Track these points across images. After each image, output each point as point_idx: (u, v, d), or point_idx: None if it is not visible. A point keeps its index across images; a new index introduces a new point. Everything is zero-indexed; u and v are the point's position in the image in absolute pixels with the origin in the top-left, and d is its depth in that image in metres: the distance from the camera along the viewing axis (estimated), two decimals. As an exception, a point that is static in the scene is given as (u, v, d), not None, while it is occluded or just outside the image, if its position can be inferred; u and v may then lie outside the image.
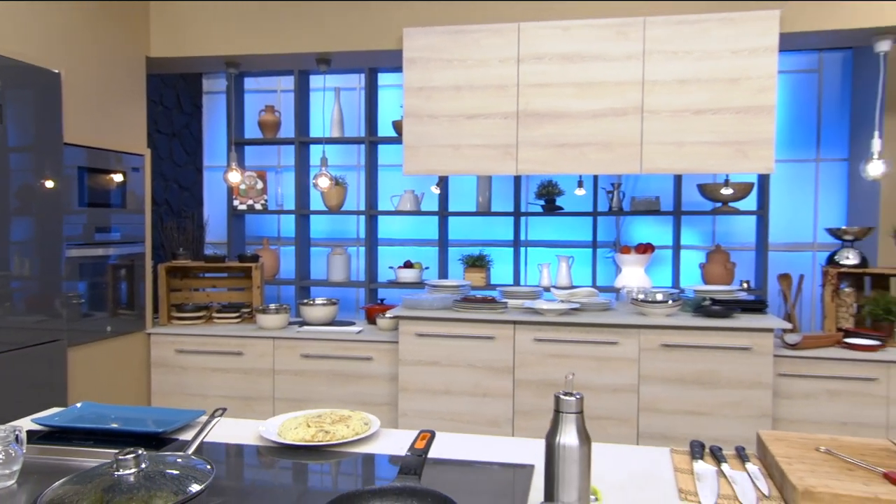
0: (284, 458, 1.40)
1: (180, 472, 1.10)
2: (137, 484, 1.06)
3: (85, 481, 1.07)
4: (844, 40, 3.37)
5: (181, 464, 1.13)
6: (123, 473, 1.06)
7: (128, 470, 1.06)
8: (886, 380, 3.02)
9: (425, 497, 1.09)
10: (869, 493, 1.10)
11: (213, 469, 1.11)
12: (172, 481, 1.08)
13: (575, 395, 1.06)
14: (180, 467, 1.12)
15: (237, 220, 4.79)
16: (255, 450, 1.45)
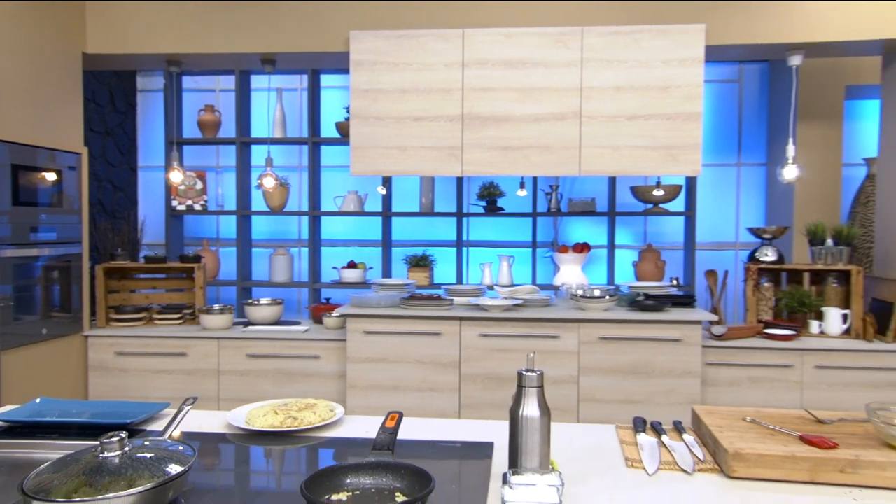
0: (256, 444, 1.45)
1: (162, 455, 1.14)
2: (122, 466, 1.10)
3: (70, 464, 1.10)
4: (762, 54, 3.63)
5: (163, 448, 1.17)
6: (108, 456, 1.10)
7: (112, 452, 1.10)
8: (801, 366, 3.28)
9: (399, 470, 1.17)
10: (787, 452, 1.25)
11: (195, 452, 1.16)
12: (155, 463, 1.12)
13: (536, 372, 1.17)
14: (162, 451, 1.16)
15: (175, 221, 4.72)
16: (226, 437, 1.50)
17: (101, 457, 1.10)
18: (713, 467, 1.31)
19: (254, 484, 1.31)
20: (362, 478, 1.16)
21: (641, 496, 1.19)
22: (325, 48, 3.57)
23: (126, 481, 1.08)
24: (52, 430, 1.50)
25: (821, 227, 3.57)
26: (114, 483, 1.07)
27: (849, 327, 3.39)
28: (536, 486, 1.06)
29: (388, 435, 1.27)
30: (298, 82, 4.88)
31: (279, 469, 1.38)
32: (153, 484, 1.06)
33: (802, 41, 3.33)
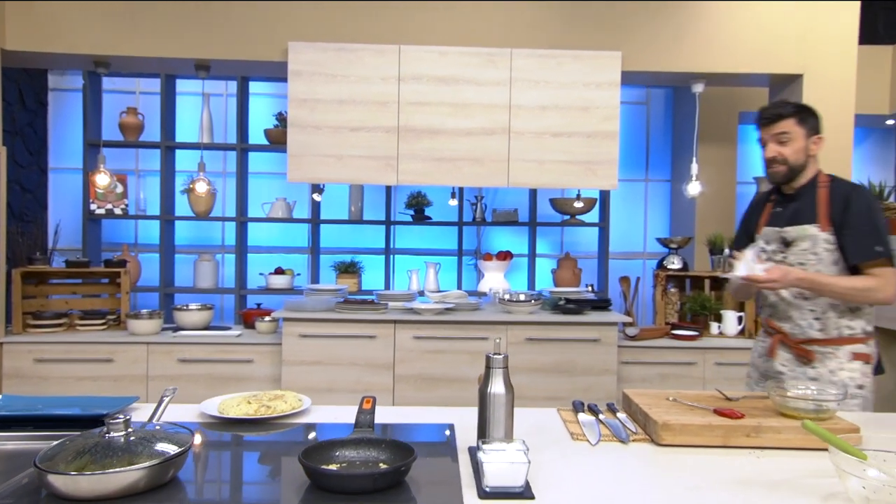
0: (234, 431, 1.54)
1: (163, 436, 1.23)
2: (126, 446, 1.18)
3: (78, 444, 1.17)
4: (670, 80, 4.01)
5: (162, 430, 1.26)
6: (114, 436, 1.17)
7: (118, 433, 1.18)
8: (703, 363, 3.63)
9: (380, 444, 1.31)
10: (705, 422, 1.48)
11: (192, 433, 1.25)
12: (156, 443, 1.20)
13: (502, 354, 1.34)
14: (162, 433, 1.24)
15: (93, 225, 4.59)
16: (205, 426, 1.57)
17: (107, 437, 1.17)
18: (644, 437, 1.52)
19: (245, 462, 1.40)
20: (348, 451, 1.29)
21: (589, 461, 1.38)
22: (263, 57, 3.64)
23: (129, 460, 1.16)
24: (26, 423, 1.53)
25: (720, 237, 3.96)
26: (118, 461, 1.15)
27: (743, 328, 3.78)
28: (506, 450, 1.22)
29: (367, 415, 1.40)
30: (224, 88, 4.88)
31: (266, 450, 1.48)
32: (158, 461, 1.15)
33: (704, 71, 3.72)
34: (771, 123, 2.10)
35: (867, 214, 2.03)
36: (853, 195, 2.05)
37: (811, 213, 2.10)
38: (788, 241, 2.12)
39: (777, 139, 2.09)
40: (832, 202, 2.07)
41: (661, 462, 1.38)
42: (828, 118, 3.67)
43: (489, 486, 1.17)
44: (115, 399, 1.68)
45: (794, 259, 2.11)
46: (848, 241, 2.03)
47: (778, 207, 2.21)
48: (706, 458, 1.40)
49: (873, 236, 2.02)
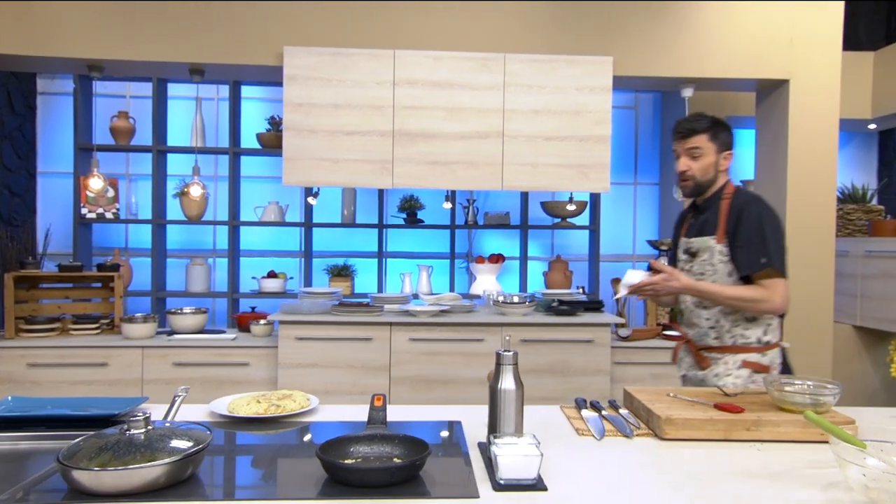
0: (245, 430, 1.56)
1: (182, 434, 1.25)
2: (146, 442, 1.20)
3: (99, 441, 1.18)
4: (660, 85, 4.07)
5: (181, 428, 1.28)
6: (135, 433, 1.19)
7: (138, 430, 1.20)
8: (694, 363, 3.69)
9: (394, 439, 1.34)
10: (707, 416, 1.53)
11: (212, 432, 1.27)
12: (175, 440, 1.23)
13: (511, 351, 1.37)
14: (181, 430, 1.26)
15: (84, 230, 4.57)
16: (216, 425, 1.59)
17: (128, 434, 1.19)
18: (648, 432, 1.56)
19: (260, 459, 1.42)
20: (362, 447, 1.32)
21: (595, 455, 1.42)
22: (258, 61, 3.65)
23: (149, 457, 1.18)
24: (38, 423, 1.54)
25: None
26: (139, 458, 1.17)
27: (732, 328, 3.85)
28: (518, 444, 1.26)
29: (379, 412, 1.43)
30: (215, 92, 4.89)
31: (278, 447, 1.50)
32: (178, 457, 1.17)
33: (693, 76, 3.79)
34: (684, 138, 2.13)
35: (757, 227, 2.06)
36: (746, 208, 2.09)
37: (713, 224, 2.14)
38: (693, 251, 2.17)
39: (689, 154, 2.12)
40: (729, 215, 2.10)
41: (666, 455, 1.42)
42: (814, 123, 3.78)
43: (503, 478, 1.20)
44: (124, 400, 1.69)
45: (696, 269, 2.16)
46: (738, 253, 2.07)
47: (692, 219, 2.26)
48: (709, 451, 1.44)
49: (760, 248, 2.04)
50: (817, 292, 3.79)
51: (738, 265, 2.08)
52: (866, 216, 4.70)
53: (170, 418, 1.38)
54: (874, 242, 4.40)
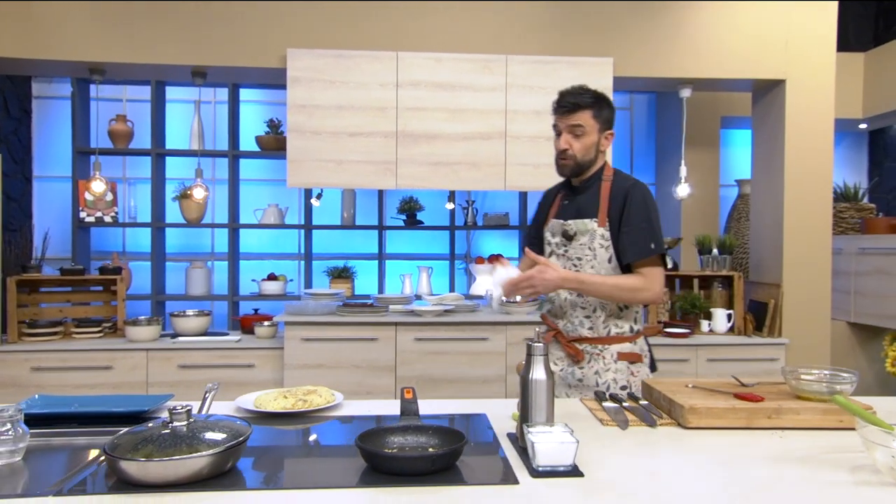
0: (273, 425, 1.57)
1: (222, 427, 1.26)
2: (188, 435, 1.21)
3: (142, 433, 1.20)
4: (659, 86, 4.12)
5: (222, 422, 1.29)
6: (177, 425, 1.21)
7: (181, 422, 1.21)
8: (695, 360, 3.74)
9: (427, 430, 1.37)
10: (729, 405, 1.56)
11: (251, 426, 1.29)
12: (216, 433, 1.24)
13: (542, 342, 1.40)
14: (222, 423, 1.28)
15: (83, 233, 4.55)
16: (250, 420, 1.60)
17: (171, 426, 1.21)
18: (671, 422, 1.60)
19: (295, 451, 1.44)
20: (397, 437, 1.34)
21: (623, 443, 1.45)
22: (260, 64, 3.66)
23: (192, 449, 1.19)
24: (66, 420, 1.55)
25: (708, 238, 4.09)
26: (182, 450, 1.18)
27: (732, 325, 3.90)
28: (552, 432, 1.28)
29: (411, 404, 1.45)
30: (213, 95, 4.89)
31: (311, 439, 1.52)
32: (221, 449, 1.18)
33: (691, 77, 3.84)
34: (568, 113, 1.99)
35: (644, 211, 1.99)
36: (632, 192, 2.00)
37: (593, 207, 2.03)
38: (570, 234, 2.04)
39: (572, 131, 2.00)
40: (612, 198, 2.01)
41: (692, 442, 1.45)
42: (810, 122, 3.85)
43: (540, 465, 1.23)
44: (151, 397, 1.70)
45: (573, 253, 2.05)
46: (624, 238, 1.98)
47: (566, 200, 2.13)
48: (733, 439, 1.47)
49: (648, 234, 1.97)
50: (815, 290, 3.86)
51: (624, 250, 1.98)
52: (858, 214, 4.78)
53: (203, 413, 1.39)
54: (867, 240, 4.47)
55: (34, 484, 1.22)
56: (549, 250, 2.12)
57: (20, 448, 1.31)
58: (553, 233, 2.11)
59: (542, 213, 2.21)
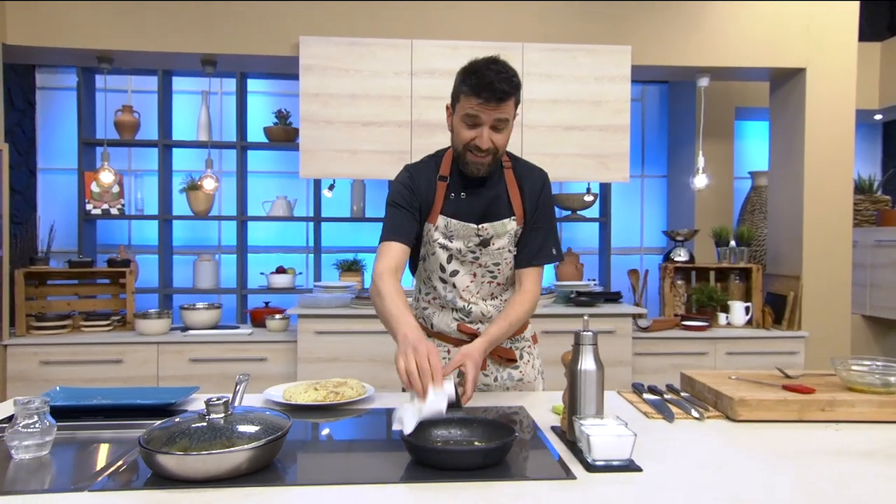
0: (305, 418, 1.51)
1: (261, 419, 1.20)
2: (226, 427, 1.15)
3: (179, 425, 1.14)
4: (676, 75, 4.05)
5: (260, 414, 1.23)
6: (214, 417, 1.15)
7: (218, 414, 1.15)
8: (714, 353, 3.68)
9: (472, 423, 1.31)
10: (780, 397, 1.50)
11: (291, 419, 1.22)
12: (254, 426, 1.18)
13: (591, 331, 1.34)
14: (260, 416, 1.22)
15: (89, 226, 4.48)
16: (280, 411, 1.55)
17: (208, 418, 1.14)
18: (717, 414, 1.54)
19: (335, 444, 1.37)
20: (441, 430, 1.28)
21: (674, 437, 1.39)
22: (272, 52, 3.59)
23: (228, 443, 1.13)
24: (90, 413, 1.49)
25: (725, 230, 4.03)
26: (217, 444, 1.12)
27: (751, 318, 3.85)
28: (607, 425, 1.23)
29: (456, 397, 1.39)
30: (220, 86, 4.81)
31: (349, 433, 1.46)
32: (262, 442, 1.12)
33: (710, 65, 3.78)
34: (500, 102, 1.58)
35: (552, 209, 1.80)
36: (545, 183, 1.78)
37: (503, 201, 1.73)
38: (487, 239, 1.71)
39: (496, 125, 1.61)
40: (522, 188, 1.75)
41: (745, 436, 1.40)
42: (830, 111, 3.78)
43: (596, 459, 1.17)
44: (176, 390, 1.64)
45: (488, 260, 1.74)
46: (533, 240, 1.74)
47: (461, 193, 1.72)
48: (787, 432, 1.41)
49: (553, 237, 1.78)
50: (835, 282, 3.80)
51: (532, 254, 1.74)
52: (873, 206, 4.72)
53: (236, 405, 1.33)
54: (884, 232, 4.42)
55: (63, 479, 1.16)
56: (448, 255, 1.73)
57: (47, 441, 1.25)
58: (454, 236, 1.71)
59: (414, 201, 1.71)
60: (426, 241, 1.76)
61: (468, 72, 1.61)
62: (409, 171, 1.78)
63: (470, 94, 1.59)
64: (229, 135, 4.65)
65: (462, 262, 1.75)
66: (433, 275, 1.80)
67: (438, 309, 1.83)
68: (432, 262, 1.78)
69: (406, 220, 1.71)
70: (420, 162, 1.82)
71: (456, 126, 1.67)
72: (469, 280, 1.77)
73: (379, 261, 1.69)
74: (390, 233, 1.71)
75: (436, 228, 1.73)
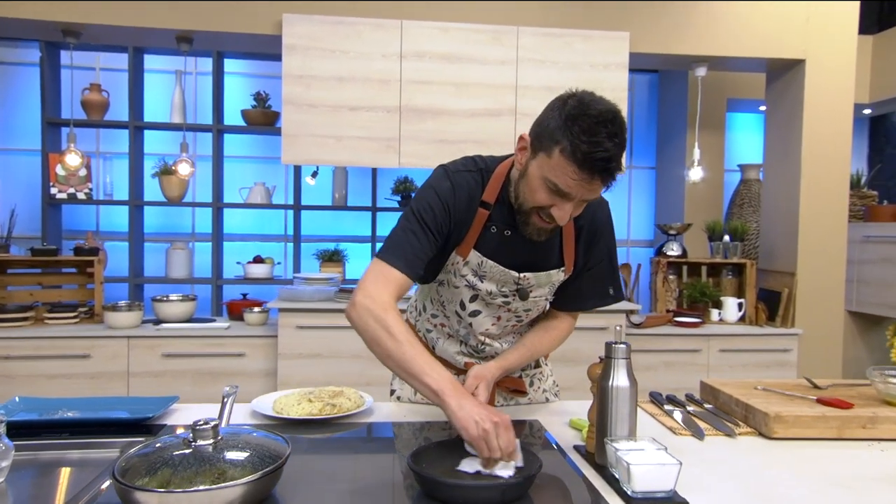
0: (297, 434, 1.35)
1: (254, 447, 1.05)
2: (213, 455, 0.99)
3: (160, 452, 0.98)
4: (673, 63, 3.93)
5: (253, 438, 1.07)
6: (202, 444, 0.99)
7: (206, 441, 1.00)
8: (707, 350, 3.60)
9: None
10: (818, 413, 1.39)
11: (290, 444, 1.07)
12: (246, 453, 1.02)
13: (624, 344, 1.21)
14: (253, 441, 1.06)
15: (54, 211, 4.23)
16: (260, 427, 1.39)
17: (195, 445, 0.99)
18: (750, 430, 1.42)
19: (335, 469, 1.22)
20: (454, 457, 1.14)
21: (710, 457, 1.27)
22: (253, 30, 3.39)
23: (219, 473, 0.98)
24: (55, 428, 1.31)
25: (718, 224, 3.94)
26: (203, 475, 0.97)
27: (744, 314, 3.77)
28: (646, 450, 1.09)
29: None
30: (195, 66, 4.57)
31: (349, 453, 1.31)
32: (258, 476, 0.97)
33: (708, 54, 3.66)
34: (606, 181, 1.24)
35: (609, 244, 1.52)
36: (605, 226, 1.50)
37: (556, 249, 1.46)
38: (527, 291, 1.46)
39: (586, 200, 1.29)
40: (580, 234, 1.47)
41: (786, 456, 1.28)
42: (829, 104, 3.70)
43: (636, 491, 1.04)
44: (152, 400, 1.47)
45: (520, 307, 1.49)
46: (586, 283, 1.52)
47: (505, 230, 1.40)
48: (830, 452, 1.30)
49: (611, 274, 1.54)
50: (829, 279, 3.74)
51: (582, 298, 1.53)
52: (861, 202, 4.68)
53: (223, 424, 1.17)
54: (872, 227, 4.38)
55: (22, 515, 1.00)
56: (474, 294, 1.46)
57: (3, 468, 1.08)
58: (486, 277, 1.43)
59: (446, 226, 1.39)
60: (450, 271, 1.45)
61: (580, 128, 1.18)
62: (451, 181, 1.39)
63: (574, 162, 1.19)
64: (205, 117, 4.43)
65: (488, 305, 1.48)
66: (448, 305, 1.52)
67: (444, 337, 1.59)
68: (452, 294, 1.48)
69: (426, 248, 1.35)
70: (464, 168, 1.42)
71: (532, 180, 1.28)
72: (491, 323, 1.50)
73: (380, 286, 1.32)
74: (401, 259, 1.33)
75: (465, 263, 1.42)
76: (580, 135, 1.17)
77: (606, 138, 1.17)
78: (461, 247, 1.41)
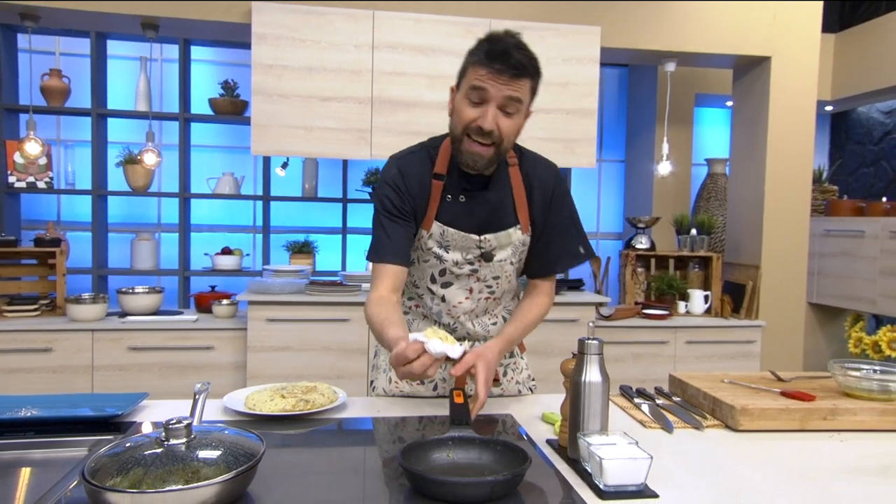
0: (269, 430, 1.34)
1: (227, 444, 1.03)
2: (185, 455, 0.98)
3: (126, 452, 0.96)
4: (643, 58, 3.96)
5: (226, 435, 1.06)
6: (175, 443, 0.98)
7: (178, 440, 0.98)
8: (674, 342, 3.66)
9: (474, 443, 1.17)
10: (782, 405, 1.43)
11: (264, 442, 1.06)
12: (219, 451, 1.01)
13: (597, 340, 1.22)
14: (227, 440, 1.05)
15: (12, 200, 4.11)
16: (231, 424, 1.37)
17: (167, 444, 0.97)
18: (717, 423, 1.45)
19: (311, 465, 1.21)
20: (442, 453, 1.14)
21: (679, 450, 1.29)
22: (222, 17, 3.33)
23: (192, 472, 0.96)
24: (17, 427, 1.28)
25: (686, 217, 4.00)
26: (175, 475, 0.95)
27: (709, 307, 3.85)
28: (617, 444, 1.11)
29: (463, 412, 1.25)
30: (160, 52, 4.47)
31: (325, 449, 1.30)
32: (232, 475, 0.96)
33: (678, 50, 3.71)
34: (512, 78, 1.35)
35: (570, 206, 1.58)
36: (557, 181, 1.55)
37: (509, 208, 1.50)
38: (490, 252, 1.51)
39: (506, 105, 1.37)
40: (530, 190, 1.51)
41: (752, 448, 1.31)
42: (793, 102, 3.78)
43: (609, 484, 1.06)
44: (119, 396, 1.44)
45: (488, 273, 1.53)
46: (554, 245, 1.54)
47: (460, 195, 1.47)
48: (792, 443, 1.34)
49: (577, 235, 1.58)
50: (792, 272, 3.83)
51: (554, 260, 1.56)
52: (822, 196, 4.80)
53: (196, 421, 1.15)
54: (833, 222, 4.49)
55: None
56: (442, 268, 1.51)
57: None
58: (450, 246, 1.49)
59: (406, 206, 1.47)
60: (418, 246, 1.52)
61: (482, 39, 1.41)
62: (397, 167, 1.50)
63: (480, 63, 1.36)
64: (171, 105, 4.34)
65: (458, 276, 1.53)
66: (421, 282, 1.58)
67: (420, 318, 1.64)
68: (422, 269, 1.55)
69: (400, 232, 1.45)
70: (410, 153, 1.54)
71: (458, 104, 1.41)
72: (464, 296, 1.55)
73: (374, 287, 1.44)
74: (384, 252, 1.44)
75: (430, 236, 1.50)
76: (485, 42, 1.40)
77: (504, 37, 1.39)
78: (424, 221, 1.50)
